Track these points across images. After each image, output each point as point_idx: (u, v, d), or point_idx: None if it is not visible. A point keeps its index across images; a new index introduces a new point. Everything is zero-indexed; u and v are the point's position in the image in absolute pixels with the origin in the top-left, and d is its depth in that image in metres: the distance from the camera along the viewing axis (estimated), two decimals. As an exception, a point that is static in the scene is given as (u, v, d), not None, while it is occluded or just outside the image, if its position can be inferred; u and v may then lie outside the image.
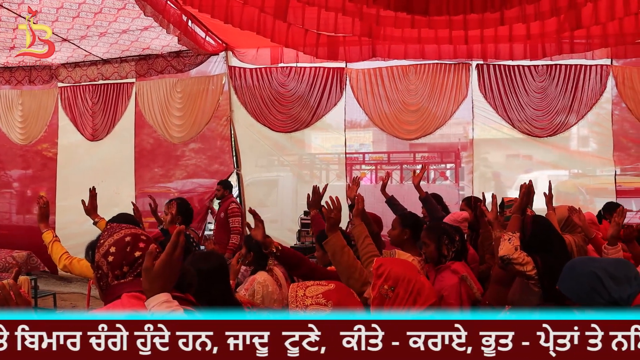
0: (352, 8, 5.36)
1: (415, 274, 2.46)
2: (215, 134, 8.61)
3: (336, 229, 3.00)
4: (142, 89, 8.65)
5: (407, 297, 2.34)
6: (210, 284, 2.78)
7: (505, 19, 5.49)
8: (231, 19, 5.71)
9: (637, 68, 7.29)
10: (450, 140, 8.45)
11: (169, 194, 8.47)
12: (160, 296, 1.67)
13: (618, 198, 7.36)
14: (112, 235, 1.92)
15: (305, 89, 8.01)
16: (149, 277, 1.67)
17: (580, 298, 2.27)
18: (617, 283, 2.21)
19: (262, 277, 3.65)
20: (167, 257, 1.68)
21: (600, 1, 5.36)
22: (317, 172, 8.97)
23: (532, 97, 7.50)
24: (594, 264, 2.31)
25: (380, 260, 2.57)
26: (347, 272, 2.89)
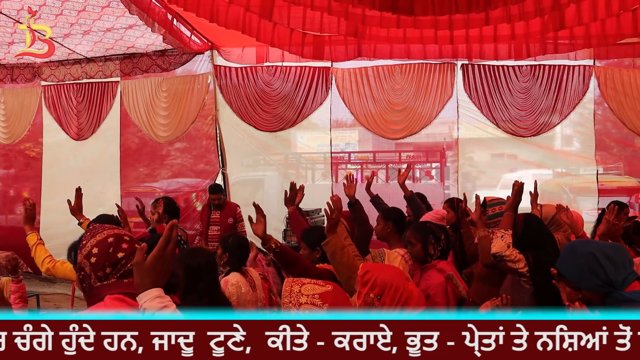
0: (338, 7, 5.36)
1: (402, 282, 2.38)
2: (200, 133, 8.58)
3: (335, 230, 3.00)
4: (127, 88, 8.60)
5: (394, 306, 2.28)
6: (198, 279, 2.78)
7: (490, 19, 5.52)
8: (216, 17, 5.68)
9: (619, 69, 7.38)
10: (436, 140, 8.49)
11: (154, 194, 8.43)
12: (152, 291, 1.64)
13: (600, 197, 7.46)
14: (94, 236, 1.90)
15: (290, 89, 8.01)
16: (140, 271, 1.65)
17: (578, 278, 2.31)
18: (614, 266, 2.25)
19: (234, 278, 3.63)
20: (160, 251, 1.66)
21: (583, 2, 5.42)
22: (302, 171, 8.97)
23: (516, 97, 7.56)
24: (592, 246, 2.35)
25: (366, 266, 2.49)
26: (347, 273, 2.88)
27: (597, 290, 2.28)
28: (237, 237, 4.06)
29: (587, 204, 7.41)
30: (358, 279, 2.42)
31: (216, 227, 7.01)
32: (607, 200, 7.08)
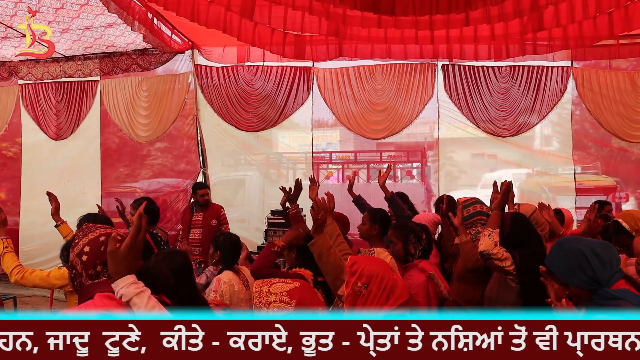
0: (319, 7, 5.36)
1: (388, 272, 2.48)
2: (181, 133, 8.54)
3: (322, 230, 2.99)
4: (107, 87, 8.52)
5: (380, 294, 2.37)
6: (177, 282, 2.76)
7: (470, 20, 5.56)
8: (197, 17, 5.65)
9: (596, 70, 7.49)
10: (417, 140, 8.55)
11: (134, 194, 8.37)
12: (127, 278, 1.71)
13: (578, 196, 7.57)
14: (86, 235, 1.93)
15: (272, 88, 8.00)
16: (115, 259, 1.72)
17: (566, 274, 2.35)
18: (602, 263, 2.30)
19: (227, 276, 3.63)
20: (132, 240, 1.74)
21: (561, 4, 5.48)
22: (284, 171, 8.97)
23: (495, 98, 7.63)
24: (581, 243, 2.39)
25: (354, 258, 2.59)
26: (334, 273, 2.89)
27: (584, 287, 2.32)
28: (228, 235, 4.05)
29: (565, 202, 7.49)
30: (347, 269, 2.50)
31: (198, 229, 6.77)
32: (584, 199, 7.23)
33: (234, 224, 7.91)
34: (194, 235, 6.77)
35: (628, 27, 5.73)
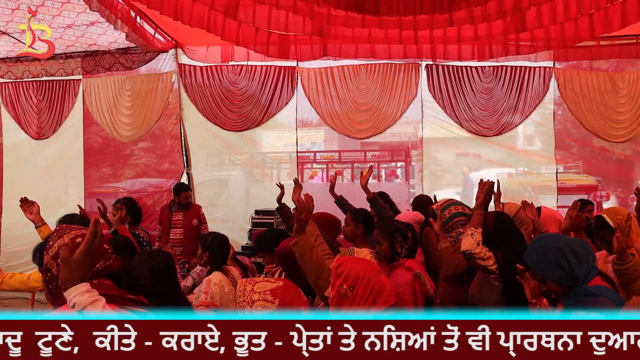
0: (303, 7, 5.36)
1: (375, 274, 2.45)
2: (165, 132, 8.49)
3: (304, 231, 2.98)
4: (89, 86, 8.43)
5: (366, 297, 2.34)
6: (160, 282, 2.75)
7: (453, 20, 5.60)
8: (181, 16, 5.63)
9: (577, 71, 7.57)
10: (401, 139, 8.60)
11: (117, 194, 8.29)
12: (81, 286, 1.65)
13: (559, 195, 7.65)
14: (61, 237, 1.88)
15: (256, 88, 7.98)
16: (69, 266, 1.65)
17: (543, 269, 2.39)
18: (579, 260, 2.34)
19: (217, 278, 3.62)
20: (88, 246, 1.67)
21: (543, 5, 5.53)
22: (268, 171, 8.96)
23: (479, 97, 7.68)
24: (559, 240, 2.43)
25: (341, 259, 2.57)
26: (316, 273, 2.87)
27: (561, 283, 2.35)
28: (217, 236, 4.01)
29: (547, 201, 7.57)
30: (332, 270, 2.47)
31: (179, 229, 6.69)
32: (566, 198, 7.31)
33: (218, 224, 7.88)
34: (175, 235, 6.70)
35: (608, 29, 5.80)
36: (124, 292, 1.76)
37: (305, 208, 3.04)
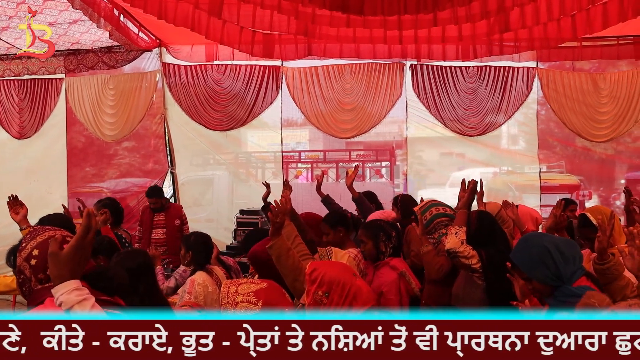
0: (288, 6, 5.36)
1: (350, 278, 2.42)
2: (149, 132, 8.44)
3: (280, 233, 2.97)
4: (72, 85, 8.35)
5: (342, 302, 2.32)
6: (137, 281, 2.74)
7: (438, 20, 5.62)
8: (165, 14, 5.60)
9: (560, 71, 7.64)
10: (385, 139, 8.61)
11: (101, 194, 8.23)
12: (69, 283, 1.60)
13: (542, 194, 7.72)
14: (34, 238, 1.84)
15: (241, 87, 7.96)
16: (57, 262, 1.61)
17: (530, 268, 2.41)
18: (565, 260, 2.37)
19: (200, 277, 3.60)
20: (79, 241, 1.63)
21: (526, 6, 5.58)
22: (253, 170, 8.94)
23: (463, 97, 7.73)
24: (546, 239, 2.46)
25: (314, 264, 2.53)
26: (293, 275, 2.86)
27: (547, 282, 2.37)
28: (200, 235, 3.99)
29: (530, 200, 7.64)
30: (306, 277, 2.45)
31: (161, 229, 6.72)
32: (549, 197, 7.38)
33: (202, 223, 7.85)
34: (157, 235, 6.72)
35: (590, 30, 5.87)
36: (99, 293, 1.73)
37: (282, 211, 3.03)
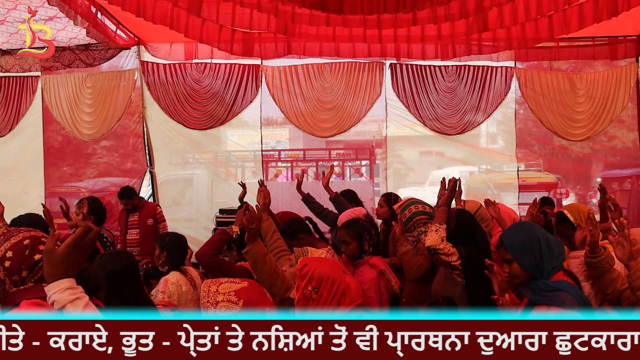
0: (267, 5, 5.34)
1: (340, 274, 2.44)
2: (127, 131, 8.35)
3: (256, 238, 2.96)
4: (48, 83, 8.23)
5: (331, 298, 2.33)
6: (121, 284, 2.71)
7: (417, 20, 5.65)
8: (143, 12, 5.54)
9: (538, 71, 7.74)
10: (365, 138, 8.62)
11: (79, 194, 8.15)
12: (63, 282, 1.60)
13: (520, 192, 7.80)
14: (8, 240, 1.82)
15: (220, 86, 7.92)
16: (51, 260, 1.60)
17: (517, 251, 2.45)
18: (550, 255, 2.41)
19: (174, 277, 3.57)
20: (77, 240, 1.62)
21: (504, 6, 5.63)
22: (232, 169, 8.91)
23: (442, 96, 7.78)
24: (540, 231, 2.50)
25: (305, 260, 2.54)
26: (270, 280, 2.85)
27: (527, 270, 2.42)
28: (175, 236, 3.96)
29: (509, 199, 7.72)
30: (296, 272, 2.46)
31: (135, 230, 6.74)
32: (527, 195, 7.45)
33: (182, 223, 7.80)
34: (132, 235, 6.74)
35: (566, 30, 5.94)
36: None
37: (256, 217, 3.03)
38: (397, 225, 3.83)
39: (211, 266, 3.50)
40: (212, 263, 3.48)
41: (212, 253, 3.56)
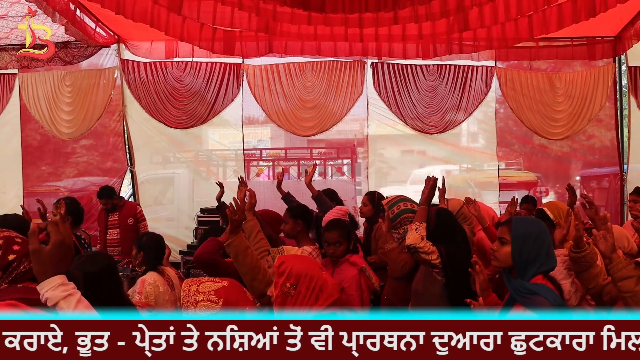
0: (249, 3, 5.32)
1: (317, 271, 2.46)
2: (107, 130, 8.27)
3: (238, 231, 2.95)
4: (25, 81, 8.12)
5: (309, 295, 2.35)
6: (99, 285, 2.66)
7: (398, 19, 5.67)
8: (123, 10, 5.49)
9: (518, 70, 7.81)
10: (347, 137, 8.63)
11: (58, 193, 8.05)
12: (54, 279, 1.60)
13: (501, 191, 7.87)
14: None
15: (201, 84, 7.88)
16: (40, 258, 1.60)
17: (516, 237, 2.45)
18: (547, 256, 2.43)
19: (151, 277, 3.54)
20: (59, 237, 1.62)
21: (485, 6, 5.67)
22: (214, 168, 8.87)
23: (423, 95, 7.81)
24: (548, 237, 2.51)
25: (283, 257, 2.56)
26: (251, 274, 2.85)
27: (515, 260, 2.43)
28: (151, 235, 3.93)
29: (489, 197, 7.78)
30: (274, 269, 2.47)
31: (115, 230, 6.69)
32: (507, 193, 7.51)
33: (163, 222, 7.75)
34: (112, 235, 6.69)
35: (545, 30, 6.00)
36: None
37: (239, 208, 3.02)
38: (383, 223, 3.84)
39: (211, 264, 3.46)
40: (212, 261, 3.45)
41: (211, 251, 3.54)
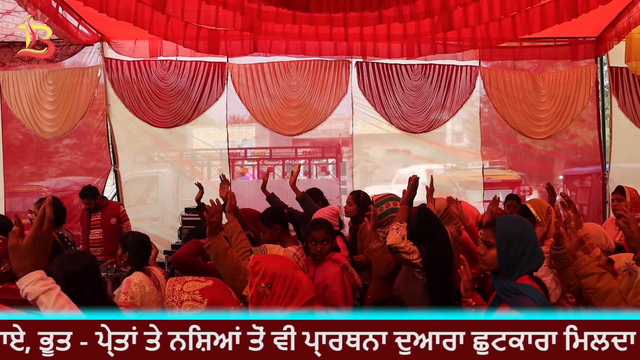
0: (233, 2, 5.31)
1: (291, 270, 2.45)
2: (91, 129, 8.20)
3: (217, 232, 2.94)
4: (7, 79, 8.00)
5: (284, 294, 2.33)
6: (80, 285, 2.64)
7: (383, 18, 5.68)
8: (106, 8, 5.44)
9: (502, 70, 7.86)
10: (332, 136, 8.64)
11: (40, 193, 7.97)
12: (33, 274, 1.62)
13: (485, 190, 7.92)
14: None
15: (186, 84, 7.84)
16: (17, 255, 1.62)
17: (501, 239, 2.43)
18: (531, 257, 2.41)
19: (137, 277, 3.52)
20: (36, 231, 1.64)
21: (469, 6, 5.70)
22: (198, 168, 8.83)
23: (408, 95, 7.84)
24: (533, 234, 2.49)
25: (256, 257, 2.54)
26: (232, 275, 2.84)
27: (500, 261, 2.42)
28: (137, 235, 3.89)
29: (474, 196, 7.83)
30: (249, 269, 2.44)
31: (98, 230, 6.63)
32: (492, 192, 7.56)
33: (147, 222, 7.69)
34: (94, 235, 6.62)
35: (529, 30, 6.05)
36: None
37: (217, 210, 3.02)
38: (369, 222, 3.85)
39: (189, 266, 3.45)
40: (191, 263, 3.44)
41: (190, 254, 3.53)
